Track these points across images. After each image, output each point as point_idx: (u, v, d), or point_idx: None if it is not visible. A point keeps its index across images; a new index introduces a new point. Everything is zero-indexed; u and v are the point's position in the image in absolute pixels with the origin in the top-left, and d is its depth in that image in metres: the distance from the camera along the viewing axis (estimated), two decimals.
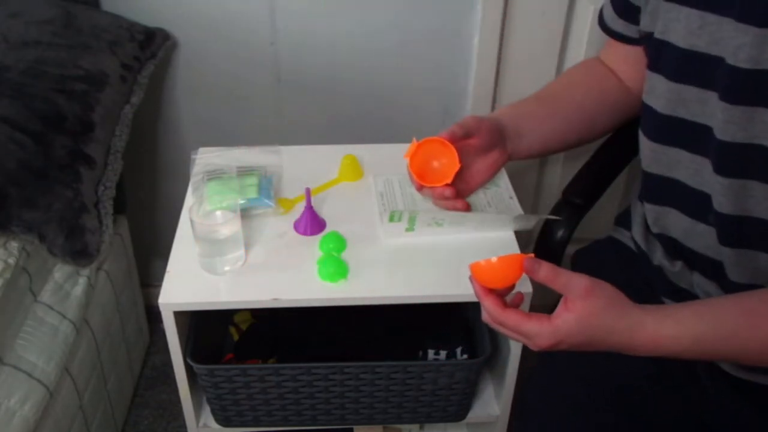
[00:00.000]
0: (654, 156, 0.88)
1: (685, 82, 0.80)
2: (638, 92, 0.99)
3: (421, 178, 0.93)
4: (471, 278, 0.76)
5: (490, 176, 1.00)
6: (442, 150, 0.93)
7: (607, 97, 1.01)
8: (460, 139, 0.92)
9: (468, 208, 0.97)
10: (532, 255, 0.73)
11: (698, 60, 0.77)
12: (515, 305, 0.76)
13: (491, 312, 0.74)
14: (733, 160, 0.77)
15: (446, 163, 0.93)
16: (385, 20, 1.44)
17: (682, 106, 0.81)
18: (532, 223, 1.01)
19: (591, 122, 1.02)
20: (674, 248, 0.90)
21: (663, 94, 0.83)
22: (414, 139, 0.93)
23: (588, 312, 0.70)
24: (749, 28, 0.70)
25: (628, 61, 0.99)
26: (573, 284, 0.70)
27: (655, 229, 0.93)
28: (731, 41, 0.73)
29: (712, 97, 0.77)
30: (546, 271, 0.71)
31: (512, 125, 0.96)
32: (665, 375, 0.89)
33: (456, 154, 0.92)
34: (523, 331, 0.72)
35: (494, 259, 0.74)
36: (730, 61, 0.73)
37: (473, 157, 0.97)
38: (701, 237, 0.85)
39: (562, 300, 0.71)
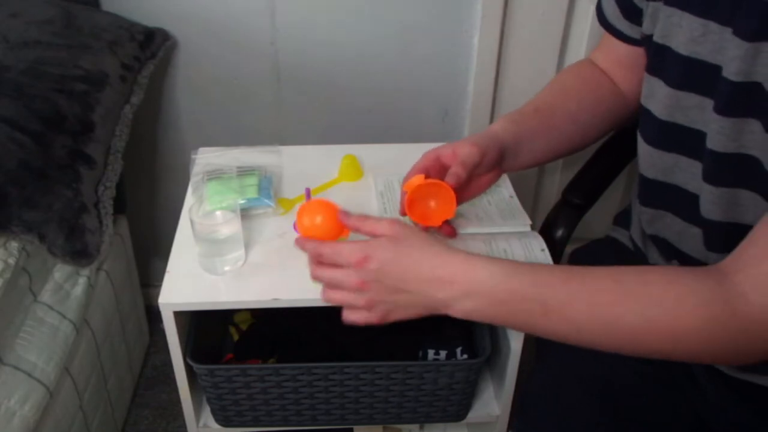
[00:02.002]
0: (652, 161, 0.88)
1: (685, 89, 0.80)
2: (632, 96, 0.98)
3: (410, 207, 0.90)
4: (297, 240, 0.83)
5: (482, 192, 0.98)
6: (441, 192, 0.88)
7: (600, 105, 1.00)
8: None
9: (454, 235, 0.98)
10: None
11: (699, 68, 0.77)
12: None
13: (311, 247, 0.80)
14: (723, 170, 0.77)
15: (441, 206, 0.90)
16: (385, 20, 1.44)
17: (681, 112, 0.81)
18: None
19: (585, 133, 1.01)
20: (668, 249, 0.90)
21: (662, 100, 0.83)
22: (423, 176, 0.89)
23: (397, 233, 0.76)
24: (740, 41, 0.70)
25: (623, 63, 0.98)
26: (381, 223, 0.78)
27: (649, 231, 0.93)
28: (729, 52, 0.72)
29: (710, 104, 0.76)
30: (354, 220, 0.81)
31: (512, 146, 0.94)
32: (663, 375, 0.89)
33: (454, 204, 0.88)
34: (338, 250, 0.77)
35: (318, 219, 0.85)
36: (724, 72, 0.73)
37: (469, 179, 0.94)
38: (693, 239, 0.85)
39: None
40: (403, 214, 0.92)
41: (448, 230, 0.96)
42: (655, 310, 0.67)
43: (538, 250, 0.97)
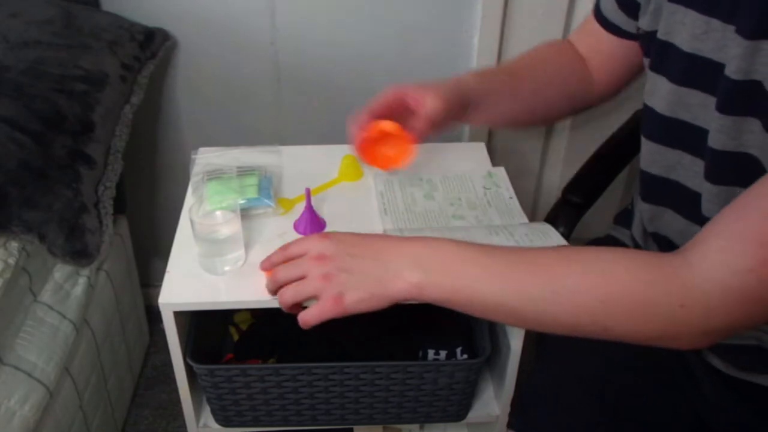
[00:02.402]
0: (653, 157, 0.88)
1: (689, 85, 0.80)
2: (600, 85, 1.01)
3: (365, 147, 0.95)
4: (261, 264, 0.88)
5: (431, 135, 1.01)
6: (401, 142, 0.94)
7: (566, 88, 1.02)
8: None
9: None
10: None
11: (702, 65, 0.77)
12: None
13: (278, 250, 0.83)
14: (723, 168, 0.77)
15: (395, 152, 0.96)
16: (385, 20, 1.44)
17: (684, 109, 0.81)
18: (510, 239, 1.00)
19: (546, 107, 1.04)
20: (669, 248, 0.90)
21: (665, 97, 0.83)
22: (397, 125, 0.93)
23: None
24: (741, 39, 0.70)
25: (602, 52, 0.99)
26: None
27: (650, 228, 0.93)
28: (730, 50, 0.72)
29: (712, 102, 0.77)
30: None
31: (476, 99, 0.96)
32: (663, 375, 0.89)
33: (409, 157, 0.94)
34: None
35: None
36: (726, 70, 0.73)
37: None
38: None
39: None
40: (358, 148, 0.96)
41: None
42: (591, 266, 0.69)
43: (541, 223, 0.99)
